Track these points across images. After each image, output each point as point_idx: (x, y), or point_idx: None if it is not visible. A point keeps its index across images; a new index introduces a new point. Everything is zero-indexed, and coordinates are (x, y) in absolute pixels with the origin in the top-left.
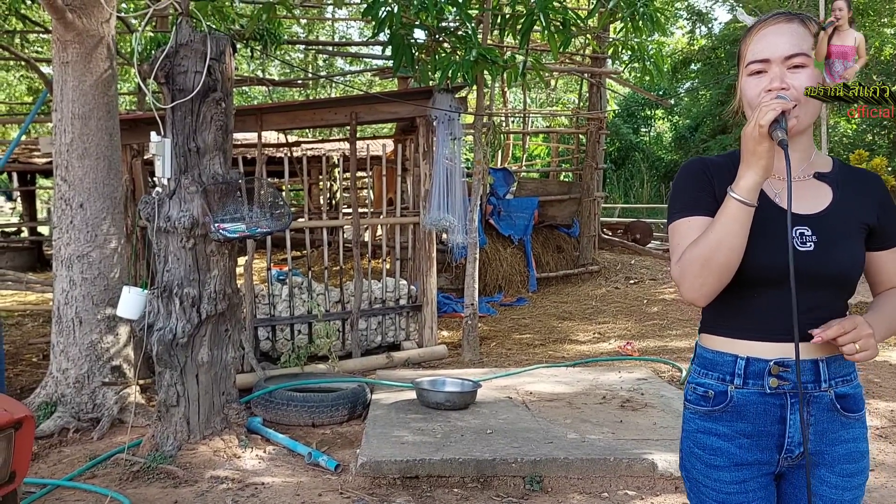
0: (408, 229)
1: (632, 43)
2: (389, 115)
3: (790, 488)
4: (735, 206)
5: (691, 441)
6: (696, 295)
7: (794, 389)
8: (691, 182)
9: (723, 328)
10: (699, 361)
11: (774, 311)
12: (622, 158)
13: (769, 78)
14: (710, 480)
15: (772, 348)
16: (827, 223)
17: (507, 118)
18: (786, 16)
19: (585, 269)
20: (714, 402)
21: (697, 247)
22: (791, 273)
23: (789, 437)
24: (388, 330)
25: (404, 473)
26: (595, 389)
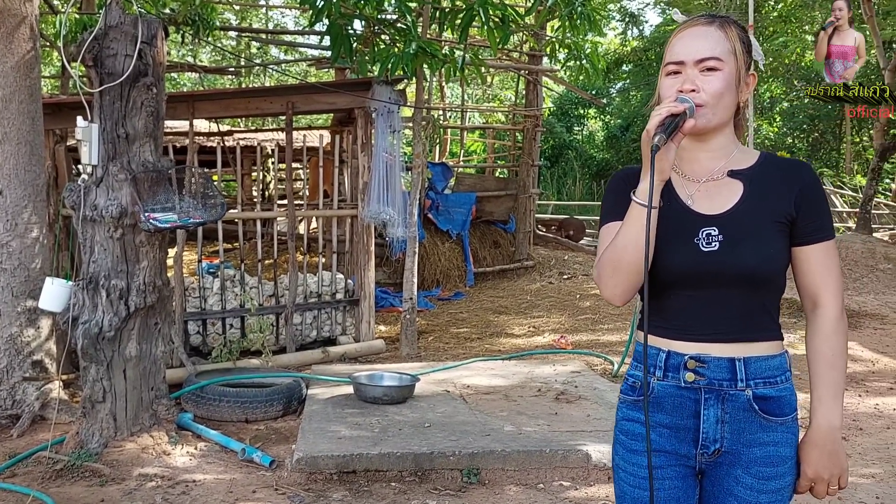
0: (345, 222)
1: (569, 41)
2: (327, 106)
3: (710, 485)
4: (635, 208)
5: (618, 428)
6: (611, 294)
7: (710, 386)
8: (612, 192)
9: (651, 327)
10: (634, 355)
11: (690, 311)
12: (556, 156)
13: (682, 79)
14: (628, 465)
15: (690, 346)
16: (734, 222)
17: (445, 113)
18: (706, 18)
19: (521, 265)
20: (639, 392)
21: (609, 249)
22: (646, 269)
23: (704, 433)
24: (324, 324)
25: (341, 468)
26: (530, 382)
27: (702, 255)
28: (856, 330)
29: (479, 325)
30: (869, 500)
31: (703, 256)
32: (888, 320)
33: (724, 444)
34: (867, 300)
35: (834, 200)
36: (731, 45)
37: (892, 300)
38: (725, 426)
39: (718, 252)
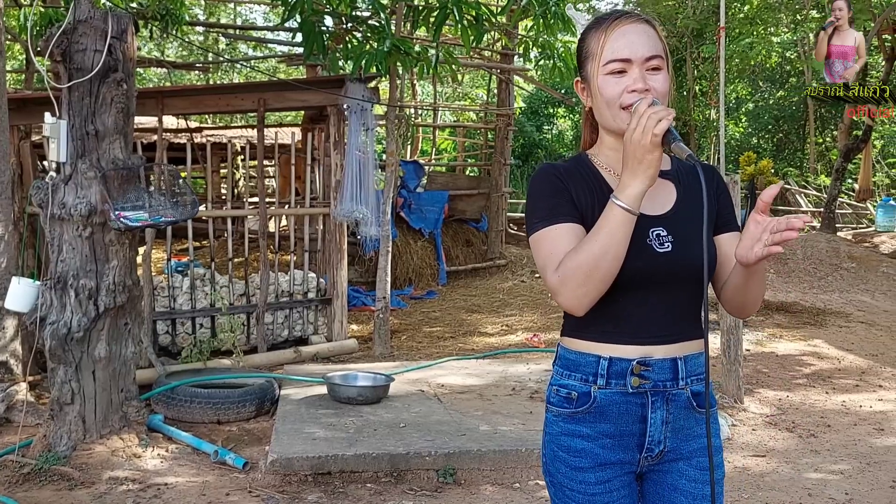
0: (317, 220)
1: (542, 41)
2: (299, 103)
3: (651, 486)
4: (621, 214)
5: (555, 444)
6: (577, 304)
7: (655, 388)
8: (549, 190)
9: (588, 332)
10: (561, 363)
11: (638, 314)
12: (526, 155)
13: (630, 78)
14: (575, 483)
15: (634, 349)
16: (679, 221)
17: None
18: (637, 16)
19: (493, 263)
20: (577, 403)
21: (580, 256)
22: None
23: (650, 437)
24: (296, 324)
25: (316, 470)
26: (505, 381)
27: (657, 257)
28: (821, 328)
29: (452, 324)
30: (839, 496)
31: (658, 257)
32: (853, 318)
33: (667, 444)
34: (832, 298)
35: (799, 200)
36: (663, 45)
37: (856, 298)
38: (669, 426)
39: (672, 252)
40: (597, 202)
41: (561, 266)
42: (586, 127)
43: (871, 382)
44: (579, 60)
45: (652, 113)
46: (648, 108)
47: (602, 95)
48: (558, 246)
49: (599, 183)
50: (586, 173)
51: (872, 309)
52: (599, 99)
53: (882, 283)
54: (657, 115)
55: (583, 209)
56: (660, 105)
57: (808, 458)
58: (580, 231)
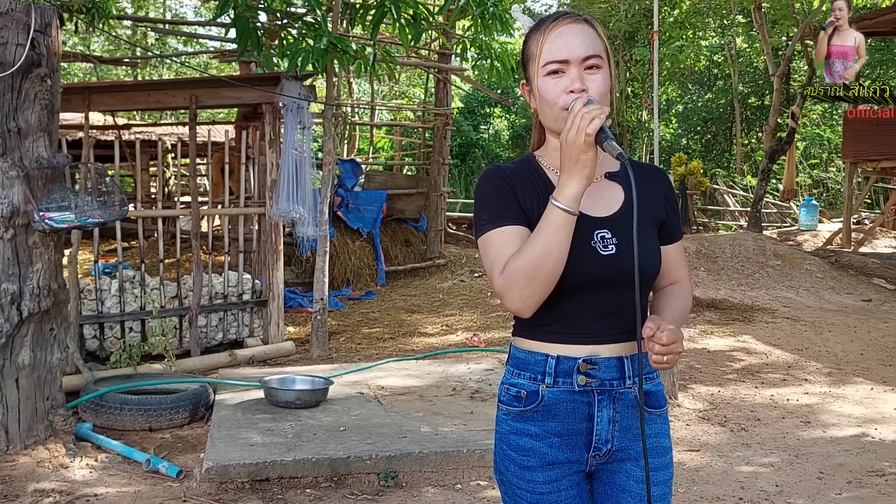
0: (252, 220)
1: (479, 41)
2: (233, 101)
3: (601, 486)
4: (560, 215)
5: (504, 443)
6: (522, 305)
7: (602, 387)
8: (495, 192)
9: (536, 332)
10: (512, 362)
11: (584, 314)
12: (464, 155)
13: (569, 78)
14: (523, 482)
15: (580, 349)
16: (624, 223)
17: (355, 109)
18: (574, 16)
19: (433, 263)
20: (526, 402)
21: (522, 258)
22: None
23: (597, 435)
24: (231, 326)
25: (254, 476)
26: (445, 381)
27: (601, 260)
28: (750, 324)
29: (391, 325)
30: (769, 488)
31: (603, 260)
32: (779, 314)
33: (614, 443)
34: (759, 295)
35: (727, 200)
36: (603, 44)
37: (781, 295)
38: (616, 425)
39: (616, 255)
40: (542, 203)
41: (505, 269)
42: (536, 128)
43: (797, 376)
44: (523, 63)
45: (585, 112)
46: (583, 107)
47: (543, 96)
48: (504, 249)
49: (545, 184)
50: (532, 174)
51: (797, 305)
52: (541, 100)
53: (805, 279)
54: (590, 114)
55: (529, 211)
56: (595, 104)
57: (739, 451)
58: (526, 233)
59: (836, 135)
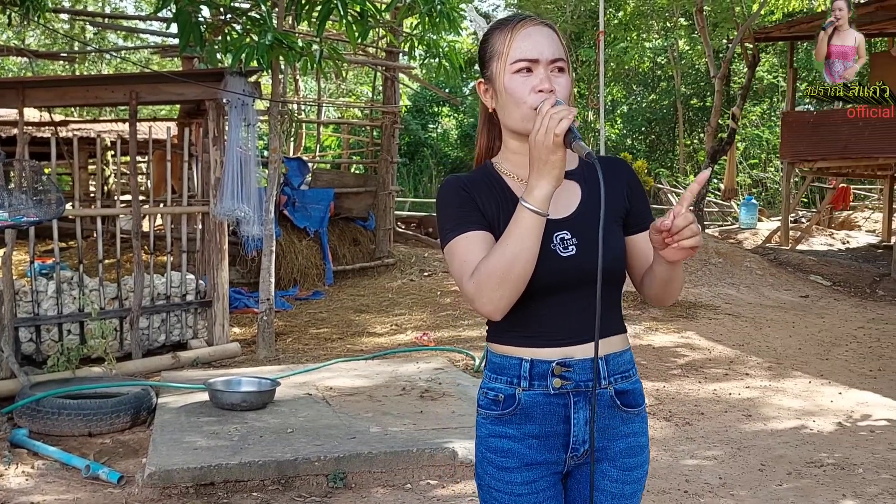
0: (196, 219)
1: (427, 39)
2: (175, 97)
3: (575, 485)
4: (530, 216)
5: (483, 446)
6: (493, 308)
7: (577, 388)
8: (455, 200)
9: (508, 337)
10: (490, 367)
11: (554, 317)
12: (412, 153)
13: (537, 78)
14: (501, 483)
15: (554, 351)
16: (583, 223)
17: (301, 107)
18: (541, 20)
19: (381, 262)
20: (504, 405)
21: (493, 261)
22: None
23: (574, 436)
24: (174, 328)
25: (198, 481)
26: (395, 381)
27: (562, 261)
28: (693, 321)
29: (339, 325)
30: (713, 480)
31: (564, 262)
32: (720, 310)
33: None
34: (701, 292)
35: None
36: (565, 50)
37: (723, 292)
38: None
39: (577, 256)
40: (502, 210)
41: (475, 273)
42: (483, 134)
43: (738, 371)
44: (482, 61)
45: (554, 113)
46: (551, 108)
47: (510, 94)
48: (470, 253)
49: (503, 190)
50: (491, 182)
51: (738, 301)
52: (506, 98)
53: (746, 276)
54: (558, 114)
55: (490, 218)
56: (563, 105)
57: (684, 445)
58: (490, 238)
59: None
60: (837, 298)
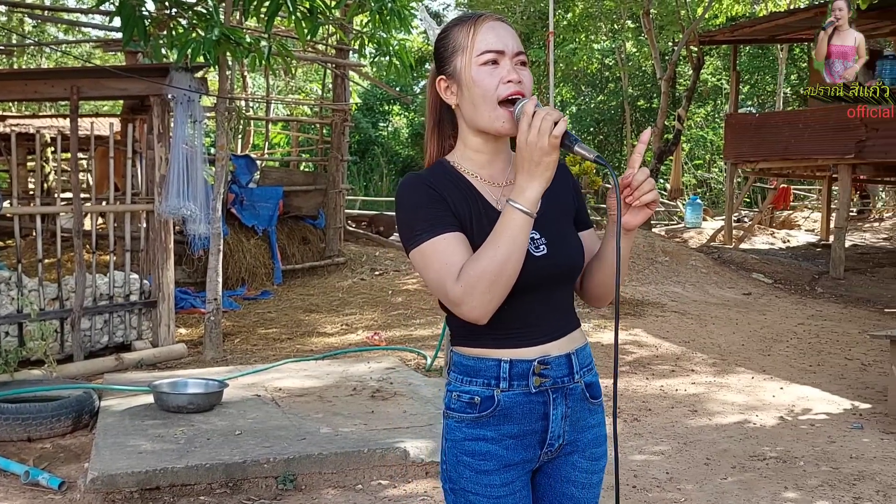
0: (140, 218)
1: (378, 37)
2: (118, 92)
3: (545, 479)
4: (521, 217)
5: (458, 450)
6: (483, 312)
7: (555, 385)
8: (425, 200)
9: (484, 339)
10: (459, 369)
11: (529, 316)
12: (363, 152)
13: (504, 69)
14: (479, 487)
15: (532, 350)
16: (548, 223)
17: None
18: (497, 16)
19: (332, 261)
20: (481, 407)
21: (483, 263)
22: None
23: (551, 433)
24: (117, 329)
25: (143, 485)
26: (345, 381)
27: (537, 261)
28: (640, 318)
29: (289, 325)
30: (660, 475)
31: (537, 261)
32: (667, 308)
33: (565, 437)
34: (649, 290)
35: None
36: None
37: (669, 290)
38: (567, 420)
39: (549, 255)
40: (472, 210)
41: (463, 275)
42: (434, 134)
43: (684, 367)
44: (443, 57)
45: (546, 114)
46: (537, 109)
47: (477, 86)
48: (452, 256)
49: (470, 190)
50: (455, 182)
51: (683, 299)
52: (474, 91)
53: (691, 275)
54: (552, 116)
55: (462, 219)
56: (550, 107)
57: (632, 441)
58: (466, 239)
59: (719, 137)
60: (778, 296)
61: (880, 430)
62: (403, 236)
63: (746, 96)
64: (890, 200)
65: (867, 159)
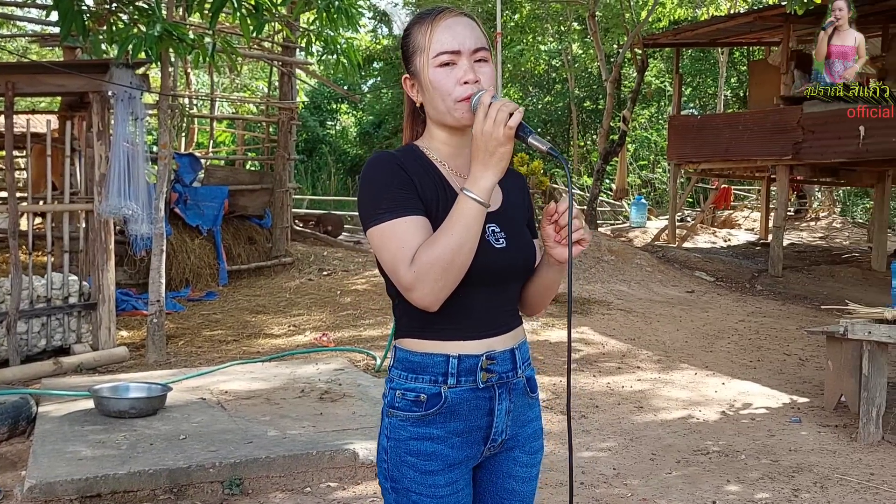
0: (79, 217)
1: (325, 35)
2: (56, 88)
3: (486, 475)
4: (474, 206)
5: (402, 450)
6: (434, 299)
7: (500, 380)
8: (393, 180)
9: (434, 331)
10: (404, 366)
11: (480, 308)
12: (310, 150)
13: (461, 70)
14: (424, 487)
15: (479, 344)
16: (508, 218)
17: (193, 101)
18: (460, 11)
19: (279, 262)
20: (427, 405)
21: (436, 250)
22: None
23: (496, 428)
24: (55, 332)
25: (84, 493)
26: (293, 383)
27: (496, 253)
28: (587, 316)
29: (234, 327)
30: (607, 471)
31: (498, 253)
32: (613, 306)
33: (507, 432)
34: (595, 288)
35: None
36: (486, 38)
37: (615, 288)
38: (511, 415)
39: (508, 248)
40: (440, 196)
41: (416, 261)
42: (408, 127)
43: (630, 364)
44: (405, 56)
45: (502, 105)
46: (494, 100)
47: (435, 88)
48: (410, 240)
49: (439, 176)
50: (425, 165)
51: (629, 297)
52: (432, 92)
53: (636, 273)
54: (507, 107)
55: (427, 202)
56: (501, 99)
57: (580, 438)
58: (428, 224)
59: (662, 138)
60: (720, 293)
61: (817, 423)
62: (364, 212)
63: (689, 98)
64: (825, 200)
65: (804, 160)
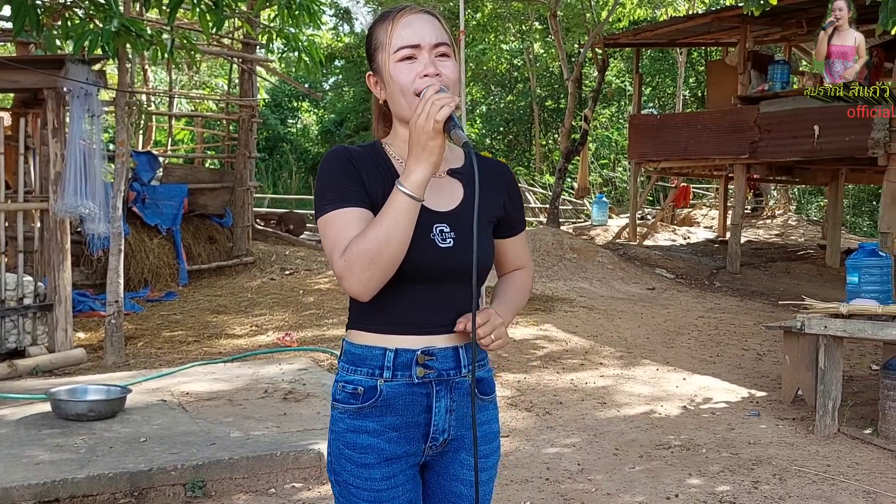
0: (33, 217)
1: (286, 32)
2: (9, 84)
3: (434, 476)
4: (405, 200)
5: (340, 442)
6: (362, 289)
7: (439, 377)
8: (340, 172)
9: (374, 324)
10: (347, 358)
11: (420, 305)
12: (271, 149)
13: (421, 64)
14: (360, 480)
15: (417, 340)
16: (462, 219)
17: (151, 98)
18: (421, 8)
19: (240, 261)
20: (364, 398)
21: (364, 241)
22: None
23: (434, 426)
24: (10, 334)
25: (41, 498)
26: (256, 384)
27: (440, 252)
28: (550, 314)
29: (195, 327)
30: (572, 467)
31: (441, 253)
32: (576, 303)
33: (451, 432)
34: (557, 286)
35: (528, 197)
36: (449, 36)
37: (577, 286)
38: (453, 415)
39: (454, 249)
40: (387, 191)
41: (347, 251)
42: (378, 125)
43: (593, 361)
44: (369, 54)
45: (436, 99)
46: (434, 94)
47: (395, 83)
48: (346, 230)
49: (391, 172)
50: (379, 161)
51: (591, 294)
52: (393, 87)
53: (598, 271)
54: (440, 101)
55: (373, 196)
56: (447, 92)
57: (545, 434)
58: (370, 217)
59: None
60: (680, 290)
61: (775, 416)
62: (315, 202)
63: (648, 98)
64: (781, 198)
65: (760, 159)
